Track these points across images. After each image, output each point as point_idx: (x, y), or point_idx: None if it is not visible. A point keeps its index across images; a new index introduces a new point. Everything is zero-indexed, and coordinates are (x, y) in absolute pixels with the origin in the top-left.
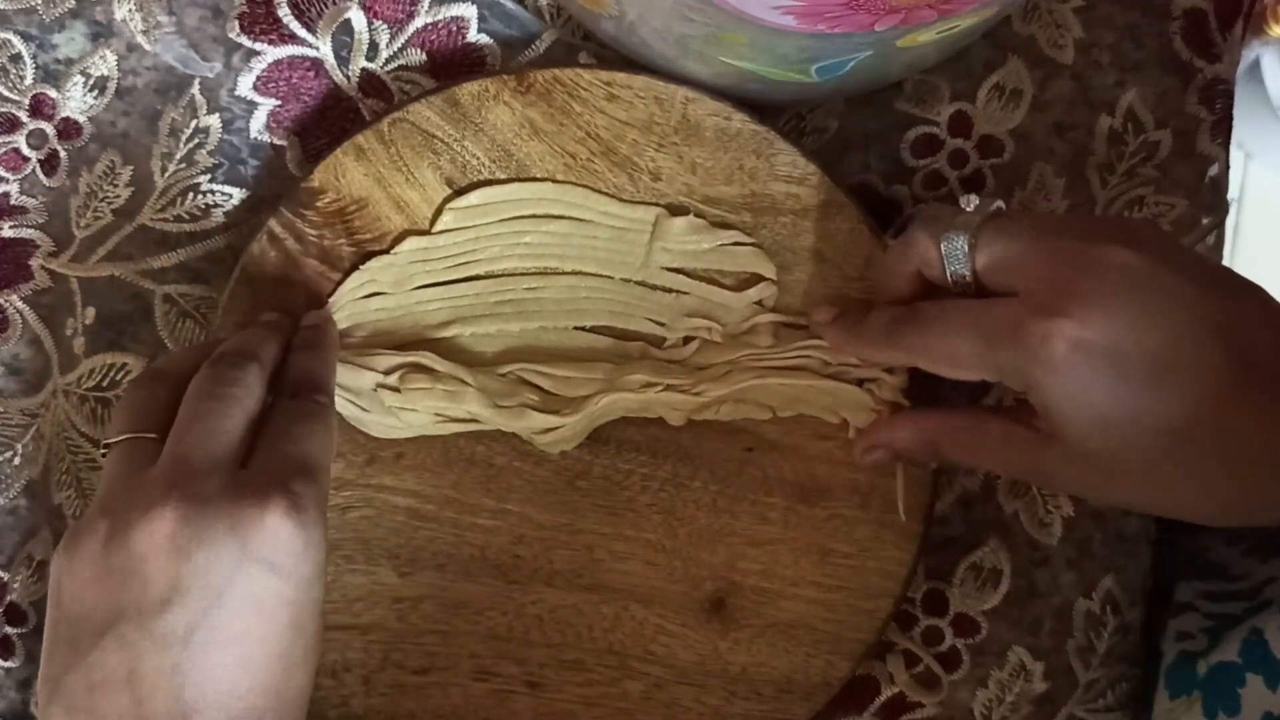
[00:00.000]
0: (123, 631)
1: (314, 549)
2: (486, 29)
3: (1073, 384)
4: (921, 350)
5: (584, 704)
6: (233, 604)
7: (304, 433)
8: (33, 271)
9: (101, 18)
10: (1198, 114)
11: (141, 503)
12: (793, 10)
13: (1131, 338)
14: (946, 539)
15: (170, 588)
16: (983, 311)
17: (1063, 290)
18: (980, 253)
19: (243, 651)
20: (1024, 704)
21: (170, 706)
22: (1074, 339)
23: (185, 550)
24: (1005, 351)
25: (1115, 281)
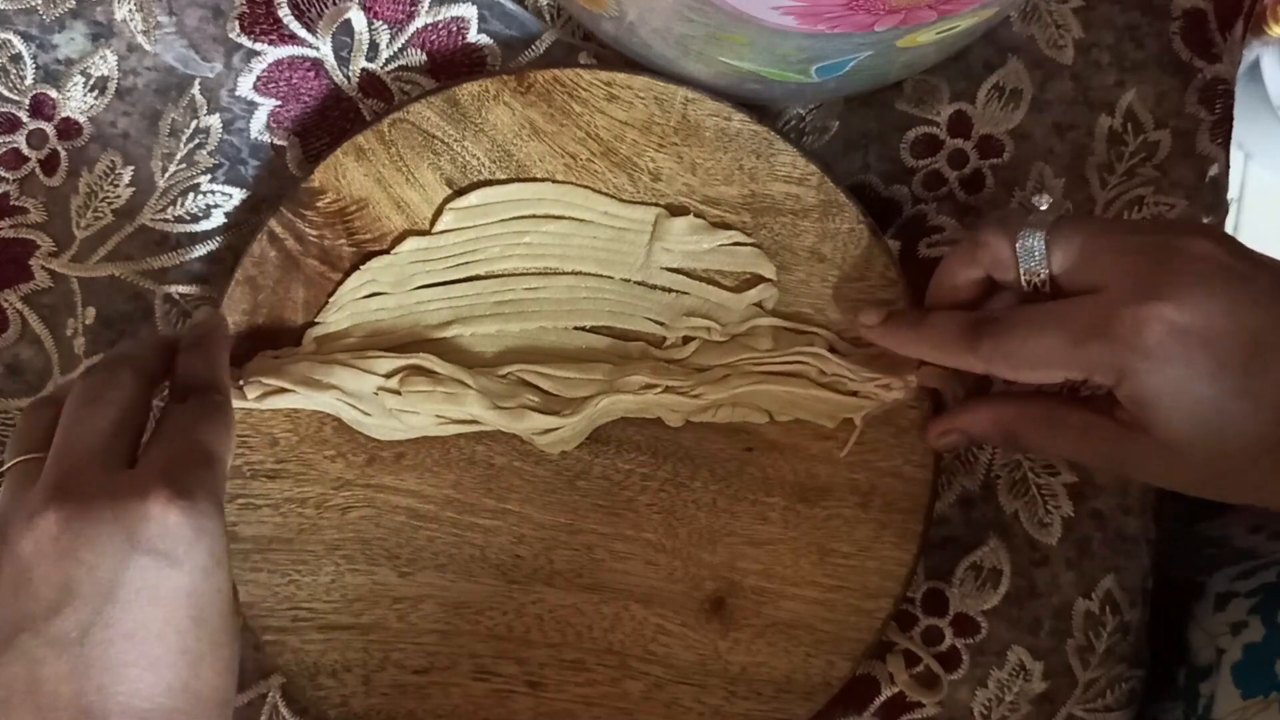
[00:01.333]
0: (19, 642)
1: (207, 536)
2: (487, 29)
3: (1169, 370)
4: (1003, 355)
5: (584, 704)
6: (125, 598)
7: (192, 426)
8: (33, 271)
9: (102, 18)
10: (1198, 114)
11: (24, 513)
12: (793, 10)
13: (1227, 323)
14: (946, 539)
15: (60, 590)
16: (1065, 308)
17: (1152, 279)
18: (1057, 251)
19: (142, 649)
20: (1023, 704)
21: (75, 713)
22: (1171, 323)
23: (70, 550)
24: (1095, 344)
25: (1202, 270)
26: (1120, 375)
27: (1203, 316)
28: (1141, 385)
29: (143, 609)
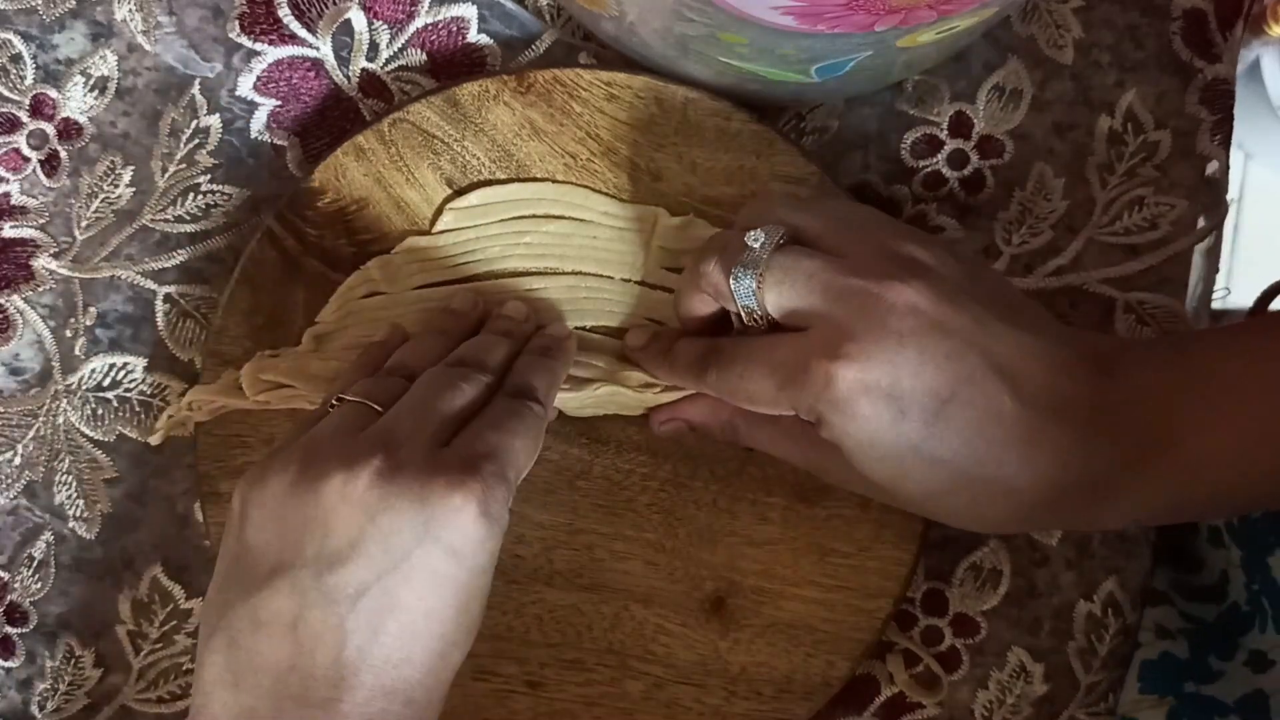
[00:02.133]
0: (297, 576)
1: (492, 541)
2: (487, 29)
3: (855, 422)
4: (726, 390)
5: (584, 704)
6: (407, 574)
7: (510, 427)
8: (34, 272)
9: (102, 18)
10: (1198, 114)
11: (343, 457)
12: (793, 10)
13: (911, 378)
14: (946, 539)
15: (350, 544)
16: (772, 349)
17: (846, 333)
18: (769, 292)
19: (408, 622)
20: (1025, 705)
21: (328, 662)
22: (855, 380)
23: (372, 511)
24: (795, 391)
25: (897, 325)
26: (818, 419)
27: (888, 373)
28: (834, 432)
29: (419, 588)
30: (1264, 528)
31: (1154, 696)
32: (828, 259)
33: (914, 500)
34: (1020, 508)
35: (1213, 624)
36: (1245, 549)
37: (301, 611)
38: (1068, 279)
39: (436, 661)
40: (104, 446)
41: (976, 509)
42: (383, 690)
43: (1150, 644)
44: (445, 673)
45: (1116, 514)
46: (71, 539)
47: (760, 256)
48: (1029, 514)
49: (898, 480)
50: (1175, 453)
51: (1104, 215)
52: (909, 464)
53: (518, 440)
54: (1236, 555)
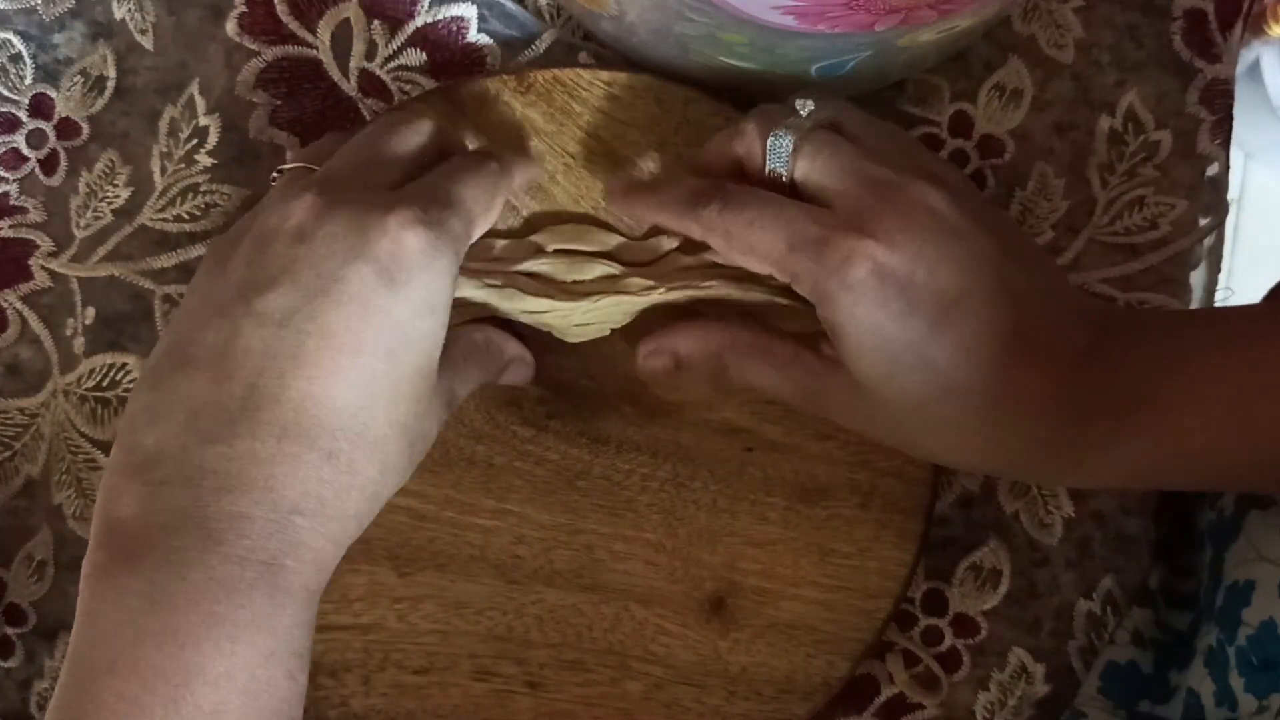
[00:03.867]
0: (231, 309)
1: (432, 274)
2: (486, 29)
3: (863, 304)
4: (721, 230)
5: (584, 704)
6: (335, 298)
7: (461, 176)
8: (32, 271)
9: (101, 17)
10: (1198, 114)
11: (282, 198)
12: (793, 10)
13: (927, 273)
14: (946, 539)
15: (282, 270)
16: (796, 212)
17: (873, 214)
18: (801, 158)
19: (332, 356)
20: (1026, 707)
21: (243, 390)
22: (876, 262)
23: (306, 236)
24: (806, 260)
25: (922, 218)
26: (820, 297)
27: (906, 262)
28: (837, 312)
29: (347, 317)
30: (1229, 522)
31: (1109, 703)
32: (862, 149)
33: (896, 408)
34: (994, 440)
35: (1183, 633)
36: (1214, 547)
37: (228, 341)
38: (1069, 279)
39: (362, 414)
40: (103, 446)
41: (953, 431)
42: (298, 429)
43: (1124, 646)
44: (373, 435)
45: (1092, 471)
46: (71, 539)
47: (804, 124)
48: (1000, 450)
49: (887, 380)
50: (1155, 417)
51: (1104, 215)
52: (903, 361)
53: (468, 189)
54: (1208, 556)
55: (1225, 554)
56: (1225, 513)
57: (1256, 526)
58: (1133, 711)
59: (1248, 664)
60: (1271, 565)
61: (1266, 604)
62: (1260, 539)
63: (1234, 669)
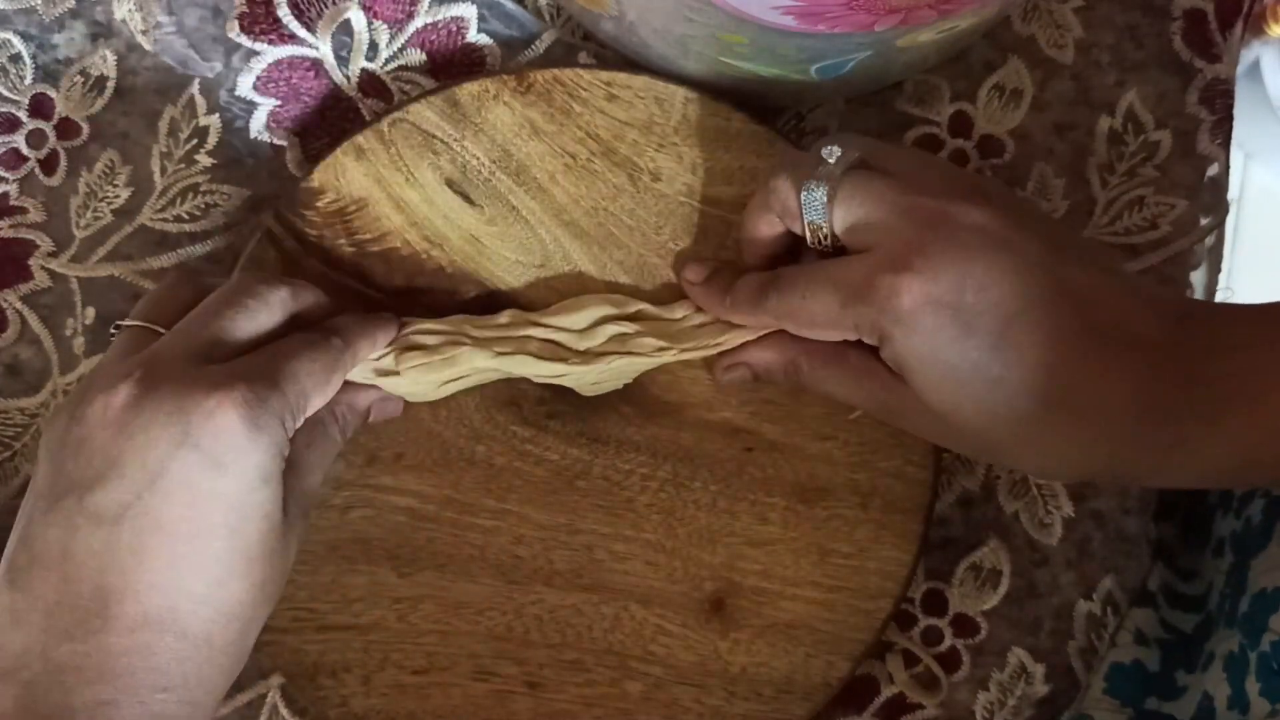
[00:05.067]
0: (65, 505)
1: (260, 451)
2: (486, 29)
3: (919, 337)
4: (786, 314)
5: (584, 704)
6: (165, 489)
7: (296, 352)
8: (32, 271)
9: (101, 18)
10: (1198, 114)
11: (106, 381)
12: (793, 10)
13: (978, 294)
14: (946, 539)
15: (109, 464)
16: (838, 269)
17: (914, 247)
18: (839, 207)
19: (171, 545)
20: (1026, 707)
21: (91, 590)
22: (921, 293)
23: (129, 428)
24: (859, 307)
25: (966, 239)
26: (881, 338)
27: (954, 287)
28: (897, 349)
29: (180, 505)
30: (1257, 530)
31: (1115, 702)
32: (901, 183)
33: (977, 430)
34: (1086, 446)
35: (1190, 635)
36: (1238, 555)
37: (68, 541)
38: None
39: (212, 591)
40: None
41: (1041, 443)
42: (148, 619)
43: (1126, 646)
44: (227, 606)
45: (1187, 469)
46: None
47: (834, 171)
48: (1093, 456)
49: (960, 405)
50: (1255, 410)
51: (1104, 215)
52: (971, 385)
53: (303, 364)
54: (1227, 563)
55: (1252, 561)
56: (1253, 520)
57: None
58: (1140, 710)
59: (1267, 669)
60: None
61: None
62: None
63: (1252, 674)
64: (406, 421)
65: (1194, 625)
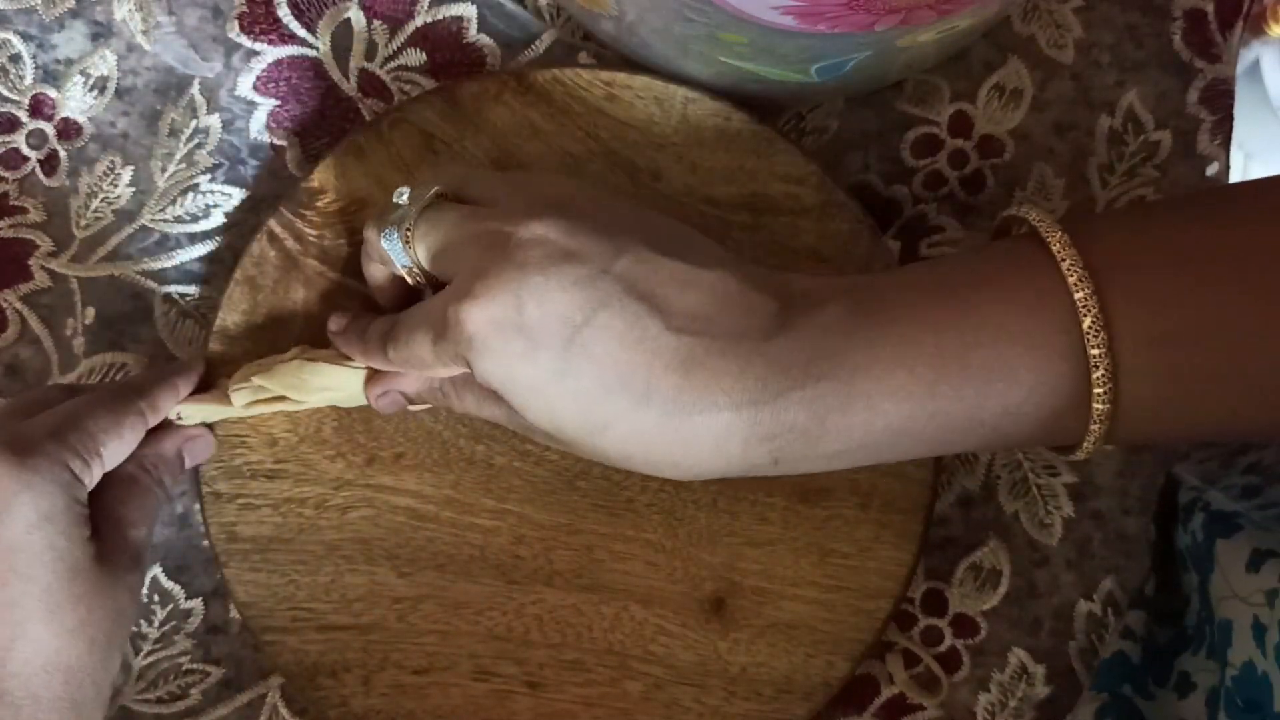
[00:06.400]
0: None
1: (31, 492)
2: (486, 29)
3: (490, 361)
4: (403, 362)
5: (584, 704)
6: None
7: (86, 406)
8: (32, 271)
9: (101, 18)
10: (1198, 114)
11: None
12: (793, 10)
13: (537, 306)
14: (946, 539)
15: None
16: (428, 308)
17: (476, 272)
18: (418, 246)
19: None
20: (1027, 709)
21: None
22: (482, 318)
23: None
24: (442, 342)
25: (523, 258)
26: (467, 366)
27: (512, 305)
28: (480, 374)
29: None
30: (1202, 549)
31: (1103, 694)
32: (474, 210)
33: (584, 442)
34: (688, 445)
35: (1163, 648)
36: (1198, 572)
37: None
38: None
39: (17, 642)
40: None
41: (643, 447)
42: None
43: (1113, 643)
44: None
45: (822, 457)
46: None
47: (407, 212)
48: (702, 453)
49: (554, 418)
50: (847, 389)
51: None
52: (555, 398)
53: (91, 411)
54: (1195, 580)
55: (1209, 584)
56: (1198, 538)
57: (1226, 558)
58: (1115, 694)
59: (1233, 705)
60: (1243, 603)
61: (1243, 645)
62: (1231, 573)
63: (1222, 709)
64: (406, 421)
65: (1169, 638)
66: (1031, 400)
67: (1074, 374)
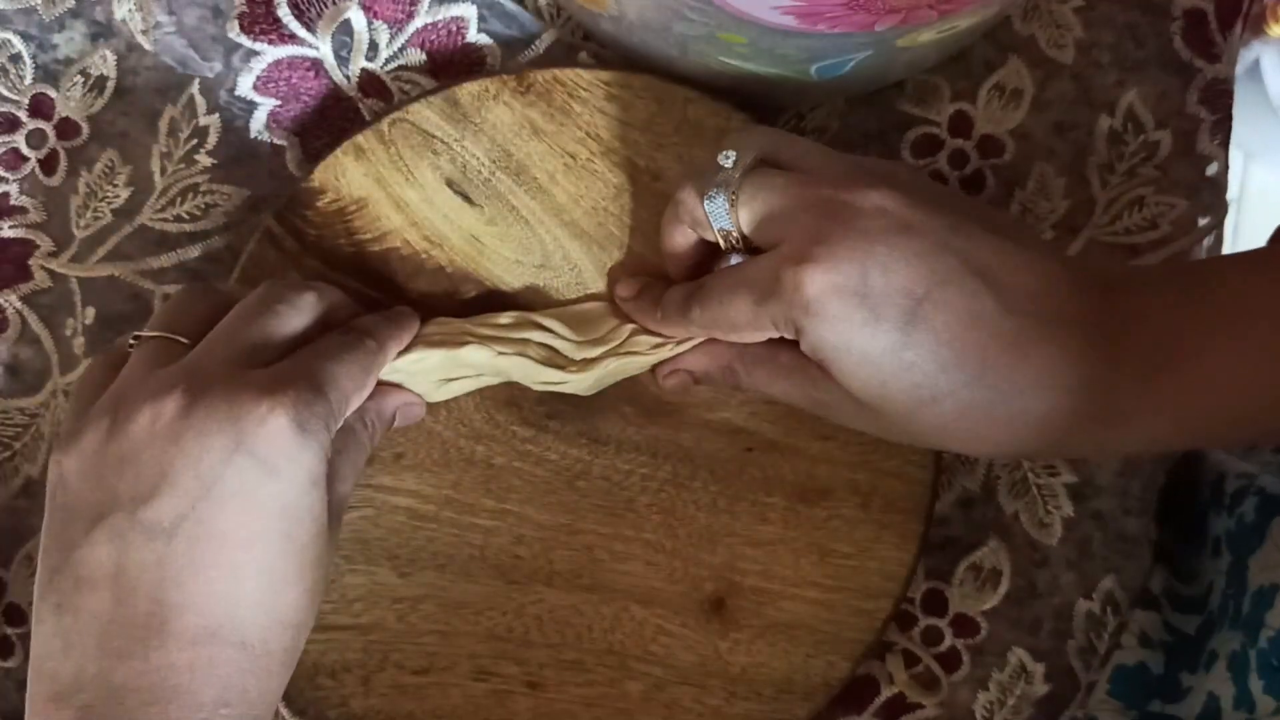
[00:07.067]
0: (113, 522)
1: (309, 454)
2: (486, 29)
3: (828, 326)
4: (711, 322)
5: (584, 704)
6: (220, 497)
7: (335, 355)
8: (32, 271)
9: (101, 17)
10: (1198, 114)
11: (149, 392)
12: (793, 10)
13: (881, 276)
14: (946, 539)
15: (160, 476)
16: (749, 269)
17: (814, 237)
18: (742, 209)
19: (228, 553)
20: (1026, 706)
21: (148, 606)
22: (825, 282)
23: (180, 438)
24: (770, 303)
25: (866, 225)
26: (796, 331)
27: (857, 273)
28: (811, 340)
29: (236, 512)
30: (1250, 528)
31: (1119, 704)
32: (801, 176)
33: (900, 415)
34: (1012, 425)
35: (1192, 636)
36: (1235, 554)
37: (120, 558)
38: None
39: (266, 599)
40: None
41: (964, 425)
42: (207, 631)
43: (1131, 649)
44: (283, 613)
45: (1125, 439)
46: None
47: (732, 175)
48: (1021, 436)
49: (882, 392)
50: (1181, 374)
51: (1104, 215)
52: (889, 371)
53: (342, 366)
54: (1226, 563)
55: (1250, 560)
56: (1246, 519)
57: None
58: (1144, 712)
59: (1268, 666)
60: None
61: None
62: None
63: (1254, 671)
64: None
65: (1196, 626)
66: None
67: None
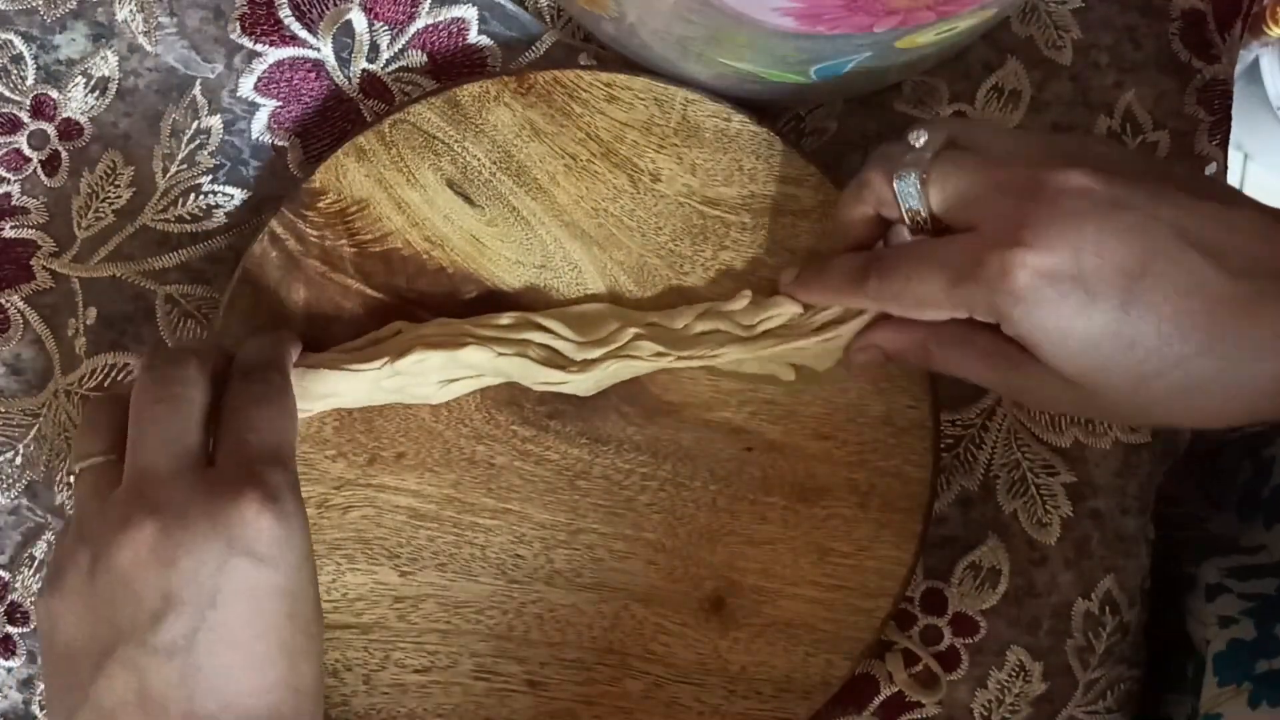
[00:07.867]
0: (124, 654)
1: (296, 535)
2: (487, 30)
3: (1042, 312)
4: (890, 295)
5: (584, 703)
6: (226, 601)
7: (262, 417)
8: (34, 272)
9: (103, 19)
10: (1196, 115)
11: (116, 523)
12: (792, 12)
13: (1095, 256)
14: (945, 538)
15: (162, 599)
16: (944, 249)
17: (1019, 221)
18: (933, 189)
19: (247, 649)
20: (1024, 705)
21: (185, 717)
22: (1035, 267)
23: (170, 558)
24: (970, 286)
25: (1071, 206)
26: (999, 317)
27: (1069, 256)
28: (1021, 327)
29: (243, 610)
30: None
31: (1231, 686)
32: (993, 149)
33: (1122, 394)
34: (1243, 391)
35: (1274, 594)
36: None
37: (142, 683)
38: None
39: (289, 678)
40: None
41: (1193, 399)
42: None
43: (1217, 636)
44: (304, 685)
45: None
46: None
47: (924, 155)
48: (1254, 400)
49: (1101, 374)
50: None
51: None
52: (1108, 352)
53: (274, 425)
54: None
55: None
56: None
57: None
58: (1254, 677)
59: None
60: None
61: None
62: None
63: None
64: (407, 421)
65: (1277, 586)
66: None
67: None
